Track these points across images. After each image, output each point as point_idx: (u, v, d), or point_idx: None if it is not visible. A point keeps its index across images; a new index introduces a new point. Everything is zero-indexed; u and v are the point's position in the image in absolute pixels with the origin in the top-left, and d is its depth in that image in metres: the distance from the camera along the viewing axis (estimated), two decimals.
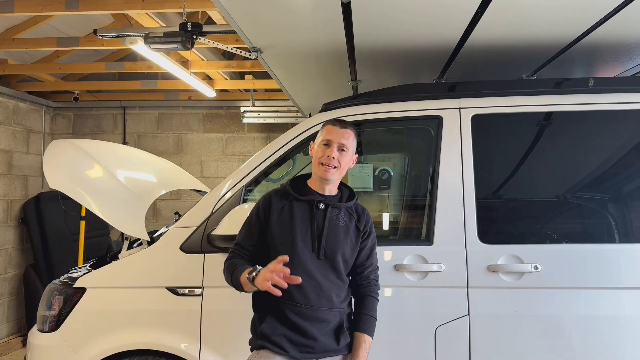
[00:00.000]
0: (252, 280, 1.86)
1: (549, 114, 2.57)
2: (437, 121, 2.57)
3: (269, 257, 1.97)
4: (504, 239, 2.52)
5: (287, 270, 1.79)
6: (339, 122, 2.08)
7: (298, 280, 1.81)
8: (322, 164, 2.01)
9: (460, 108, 2.57)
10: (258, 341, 2.00)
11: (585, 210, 2.62)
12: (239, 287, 1.97)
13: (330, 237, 2.01)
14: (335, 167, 2.00)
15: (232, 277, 1.98)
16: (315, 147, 2.09)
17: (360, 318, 2.07)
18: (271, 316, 1.99)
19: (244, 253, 2.08)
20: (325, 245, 1.99)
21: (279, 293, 1.79)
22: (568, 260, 2.40)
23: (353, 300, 2.16)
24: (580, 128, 2.61)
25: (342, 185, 2.16)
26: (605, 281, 2.36)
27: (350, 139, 2.05)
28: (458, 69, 3.13)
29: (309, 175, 2.15)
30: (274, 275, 1.78)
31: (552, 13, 2.34)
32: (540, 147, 2.63)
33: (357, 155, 2.14)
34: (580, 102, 2.52)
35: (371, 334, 2.05)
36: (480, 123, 2.54)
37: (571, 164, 2.63)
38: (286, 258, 1.81)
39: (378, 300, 2.12)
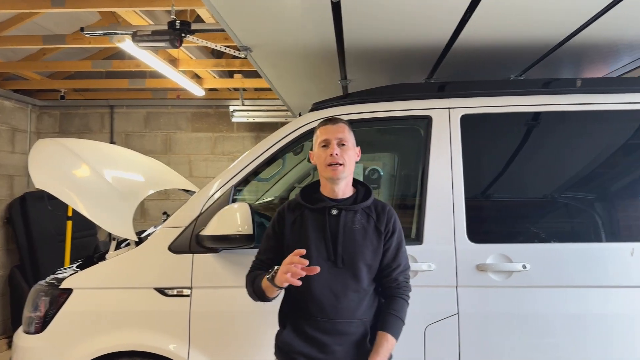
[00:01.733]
0: (272, 280, 1.79)
1: (537, 114, 2.59)
2: (427, 121, 2.57)
3: None
4: (493, 238, 2.52)
5: (305, 262, 1.72)
6: (330, 120, 2.02)
7: (317, 269, 1.73)
8: (328, 165, 1.92)
9: (449, 108, 2.57)
10: (278, 355, 1.97)
11: (573, 210, 2.65)
12: (262, 295, 1.90)
13: (347, 243, 1.90)
14: (342, 164, 1.91)
15: (254, 287, 1.92)
16: (315, 152, 2.01)
17: (385, 318, 1.93)
18: (290, 330, 1.93)
19: (262, 266, 2.01)
20: (343, 252, 1.89)
21: (298, 283, 1.72)
22: (556, 259, 2.41)
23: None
24: (567, 128, 2.63)
25: (358, 184, 2.06)
26: (592, 280, 2.38)
27: (346, 132, 1.97)
28: (447, 69, 3.14)
29: (320, 182, 2.05)
30: (291, 266, 1.71)
31: (540, 14, 2.36)
32: (529, 147, 2.65)
33: (359, 147, 2.05)
34: (568, 102, 2.54)
35: (395, 335, 1.89)
36: (469, 123, 2.55)
37: (559, 163, 2.65)
38: (302, 251, 1.73)
39: (408, 303, 1.98)
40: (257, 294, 1.92)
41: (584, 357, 2.37)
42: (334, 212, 1.94)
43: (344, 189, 1.98)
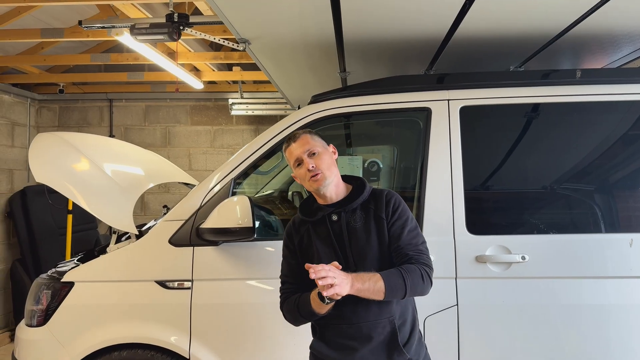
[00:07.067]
0: (320, 297, 1.70)
1: (536, 105, 2.59)
2: (426, 113, 2.57)
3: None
4: (492, 229, 2.53)
5: (336, 264, 1.68)
6: (291, 139, 1.99)
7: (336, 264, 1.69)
8: (309, 179, 1.90)
9: (448, 100, 2.57)
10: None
11: (572, 201, 2.65)
12: (312, 314, 1.82)
13: (354, 243, 1.88)
14: (320, 173, 1.89)
15: (300, 310, 1.85)
16: (295, 174, 1.99)
17: (389, 270, 1.80)
18: (318, 339, 1.93)
19: (295, 290, 1.94)
20: (352, 253, 1.87)
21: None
22: (555, 250, 2.42)
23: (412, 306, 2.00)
24: (567, 119, 2.63)
25: (351, 179, 2.03)
26: (591, 271, 2.39)
27: (310, 140, 1.95)
28: (447, 60, 3.13)
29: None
30: (327, 278, 1.61)
31: (540, 5, 2.35)
32: (528, 138, 2.65)
33: (332, 144, 2.02)
34: (567, 94, 2.53)
35: (386, 281, 1.72)
36: (468, 114, 2.55)
37: (558, 155, 2.65)
38: (317, 267, 1.64)
39: (421, 271, 1.79)
40: (306, 315, 1.85)
41: (583, 348, 2.38)
42: (334, 217, 1.92)
43: (336, 192, 1.95)
